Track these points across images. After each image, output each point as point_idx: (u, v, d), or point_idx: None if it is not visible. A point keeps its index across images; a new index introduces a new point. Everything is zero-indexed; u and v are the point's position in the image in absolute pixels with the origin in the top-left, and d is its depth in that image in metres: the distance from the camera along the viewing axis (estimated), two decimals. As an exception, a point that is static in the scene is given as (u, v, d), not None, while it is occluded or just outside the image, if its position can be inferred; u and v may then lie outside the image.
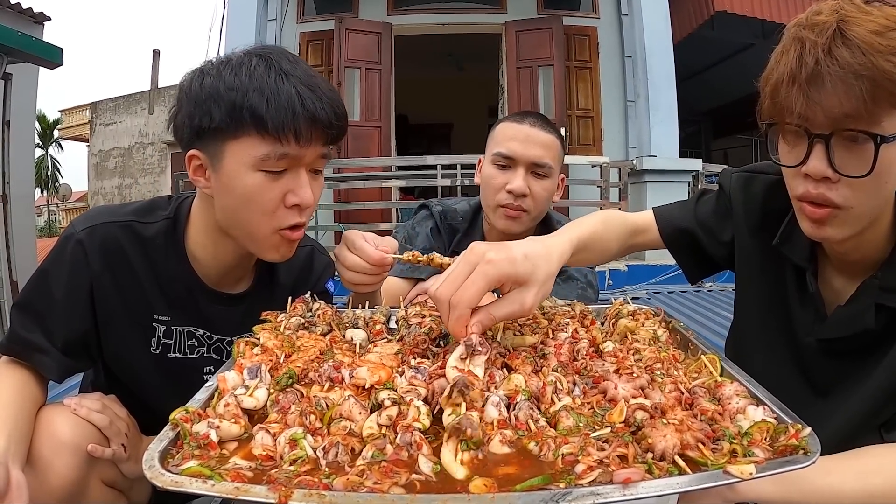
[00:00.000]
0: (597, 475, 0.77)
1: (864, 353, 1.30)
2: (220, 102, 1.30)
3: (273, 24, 9.49)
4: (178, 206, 1.55)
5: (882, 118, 1.03)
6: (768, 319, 1.48)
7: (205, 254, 1.53)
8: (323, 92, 1.35)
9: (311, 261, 1.77)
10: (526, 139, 2.09)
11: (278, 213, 1.38)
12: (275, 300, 1.52)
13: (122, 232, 1.47)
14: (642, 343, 1.25)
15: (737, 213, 1.52)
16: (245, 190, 1.35)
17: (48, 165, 34.28)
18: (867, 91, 1.01)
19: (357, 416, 0.94)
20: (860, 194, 1.11)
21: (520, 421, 0.93)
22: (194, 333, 1.57)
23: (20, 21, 8.76)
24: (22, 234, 8.77)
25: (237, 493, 0.75)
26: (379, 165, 8.83)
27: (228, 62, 1.35)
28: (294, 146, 1.32)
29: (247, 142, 1.32)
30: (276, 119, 1.29)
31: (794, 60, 1.08)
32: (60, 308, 1.42)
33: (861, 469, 1.08)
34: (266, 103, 1.29)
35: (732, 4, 9.85)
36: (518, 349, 1.19)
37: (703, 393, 1.02)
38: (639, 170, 8.49)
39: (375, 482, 0.77)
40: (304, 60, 1.44)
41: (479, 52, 10.83)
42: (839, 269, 1.35)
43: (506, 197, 2.09)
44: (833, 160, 1.08)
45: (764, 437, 0.89)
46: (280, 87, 1.30)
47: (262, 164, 1.32)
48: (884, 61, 1.00)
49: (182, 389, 1.43)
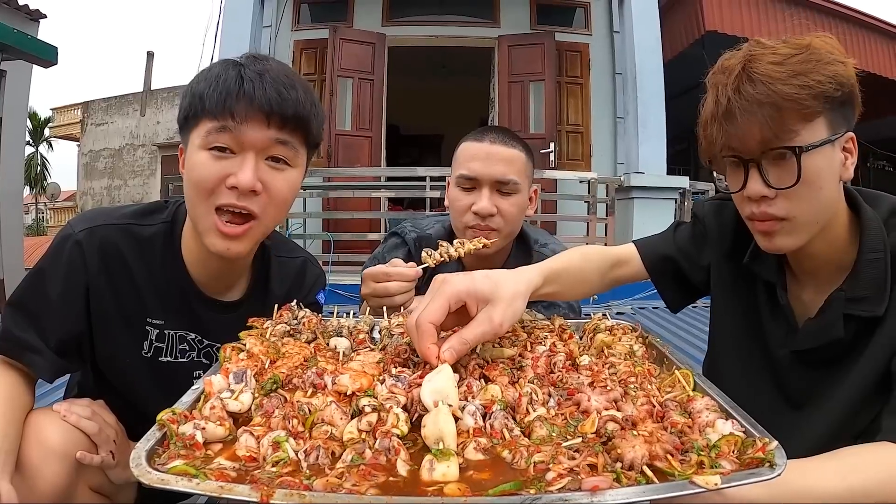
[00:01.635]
0: (566, 482, 0.80)
1: (835, 362, 1.36)
2: (185, 99, 1.41)
3: (268, 31, 9.49)
4: (176, 211, 1.57)
5: (798, 132, 1.19)
6: (742, 336, 1.53)
7: (193, 257, 1.54)
8: (271, 77, 1.38)
9: (303, 272, 1.78)
10: (487, 157, 2.02)
11: (217, 193, 1.38)
12: (267, 309, 1.53)
13: (121, 234, 1.49)
14: (618, 357, 1.29)
15: (711, 238, 1.61)
16: (192, 169, 1.39)
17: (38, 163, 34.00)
18: (773, 115, 1.17)
19: (338, 422, 0.97)
20: (798, 203, 1.24)
21: (495, 429, 0.97)
22: (186, 337, 1.58)
23: (15, 18, 8.73)
24: (10, 232, 8.74)
25: (221, 491, 0.78)
26: (369, 175, 8.83)
27: (210, 69, 1.43)
28: (230, 120, 1.35)
29: (199, 126, 1.38)
30: (212, 98, 1.35)
31: (712, 103, 1.26)
32: (55, 308, 1.42)
33: (841, 469, 1.12)
34: (210, 88, 1.36)
35: (723, 24, 9.98)
36: (496, 361, 1.22)
37: (674, 406, 1.06)
38: (626, 186, 8.53)
39: (354, 484, 0.80)
40: (281, 63, 1.49)
41: (472, 65, 10.87)
42: (807, 282, 1.42)
43: (473, 218, 2.03)
44: (767, 179, 1.23)
45: (732, 449, 0.92)
46: (228, 74, 1.37)
47: (205, 142, 1.37)
48: (783, 86, 1.16)
49: (171, 392, 1.45)
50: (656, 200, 8.54)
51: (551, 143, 9.02)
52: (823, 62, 1.19)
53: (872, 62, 11.31)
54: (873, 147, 15.06)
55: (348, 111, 9.23)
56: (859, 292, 1.30)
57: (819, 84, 1.17)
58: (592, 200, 8.07)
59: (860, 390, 1.32)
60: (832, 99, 1.20)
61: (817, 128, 1.21)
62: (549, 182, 8.48)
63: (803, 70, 1.18)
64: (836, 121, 1.23)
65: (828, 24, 10.82)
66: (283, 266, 1.71)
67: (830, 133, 1.22)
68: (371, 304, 1.74)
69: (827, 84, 1.18)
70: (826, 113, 1.21)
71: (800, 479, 1.08)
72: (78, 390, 1.66)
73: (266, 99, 1.36)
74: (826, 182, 1.24)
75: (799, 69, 1.18)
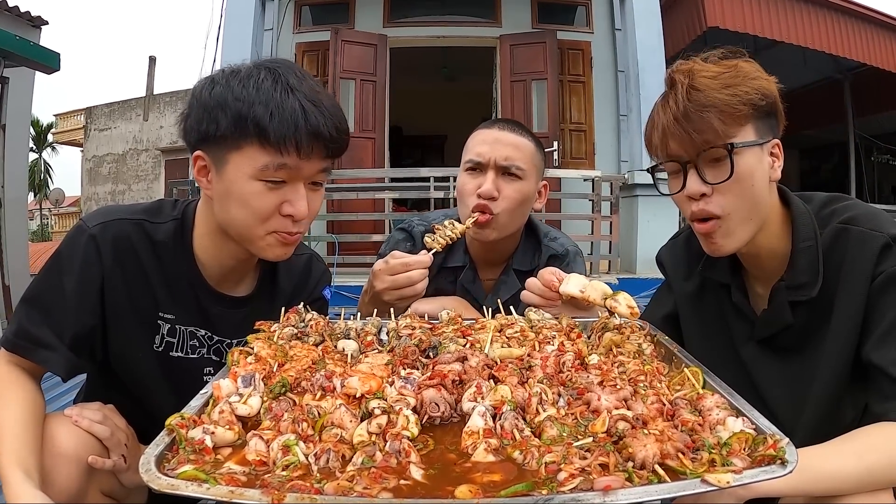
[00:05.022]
0: (578, 482, 0.80)
1: (800, 348, 1.49)
2: (226, 111, 1.35)
3: (270, 34, 9.48)
4: (185, 209, 1.59)
5: (733, 135, 1.37)
6: (710, 344, 1.61)
7: (207, 256, 1.56)
8: (326, 108, 1.39)
9: (309, 268, 1.81)
10: (494, 141, 2.02)
11: (272, 219, 1.42)
12: (275, 305, 1.55)
13: (134, 229, 1.51)
14: (627, 356, 1.29)
15: (671, 273, 1.80)
16: (243, 195, 1.39)
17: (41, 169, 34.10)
18: (716, 117, 1.35)
19: (348, 424, 0.97)
20: (732, 200, 1.40)
21: (505, 430, 0.97)
22: (196, 334, 1.60)
23: (17, 24, 8.75)
24: (14, 238, 8.76)
25: (232, 496, 0.78)
26: (372, 177, 8.82)
27: (238, 73, 1.40)
28: (294, 158, 1.36)
29: (249, 151, 1.36)
30: (278, 131, 1.33)
31: (672, 105, 1.40)
32: (71, 302, 1.43)
33: (857, 449, 1.20)
34: (270, 115, 1.33)
35: (725, 20, 9.93)
36: (505, 361, 1.22)
37: (684, 404, 1.06)
38: (630, 184, 8.49)
39: (365, 487, 0.80)
40: (311, 76, 1.47)
41: (474, 65, 10.85)
42: (758, 278, 1.57)
43: (475, 200, 1.99)
44: (704, 177, 1.40)
45: (743, 447, 0.92)
46: (285, 100, 1.34)
47: (261, 174, 1.37)
48: (718, 94, 1.36)
49: (181, 389, 1.44)
50: (661, 198, 8.39)
51: (554, 141, 8.98)
52: (749, 77, 1.39)
53: (874, 55, 11.24)
54: (876, 141, 15.02)
55: (351, 113, 9.21)
56: (798, 279, 1.44)
57: (746, 94, 1.37)
58: (596, 199, 8.04)
59: (835, 376, 1.41)
60: (758, 107, 1.39)
61: (747, 132, 1.39)
62: (553, 181, 8.44)
63: (732, 83, 1.37)
64: (762, 128, 1.41)
65: (829, 17, 10.77)
66: (289, 263, 1.70)
67: (758, 138, 1.40)
68: (388, 297, 1.74)
69: (753, 94, 1.37)
70: (753, 121, 1.39)
71: (820, 464, 1.15)
72: (86, 398, 1.65)
73: (329, 136, 1.38)
74: (757, 180, 1.40)
75: (728, 82, 1.37)
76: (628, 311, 1.52)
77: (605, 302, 1.56)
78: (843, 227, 1.42)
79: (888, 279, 1.34)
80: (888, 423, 1.26)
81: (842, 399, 1.42)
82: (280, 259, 1.51)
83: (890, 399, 1.29)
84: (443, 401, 1.05)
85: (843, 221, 1.43)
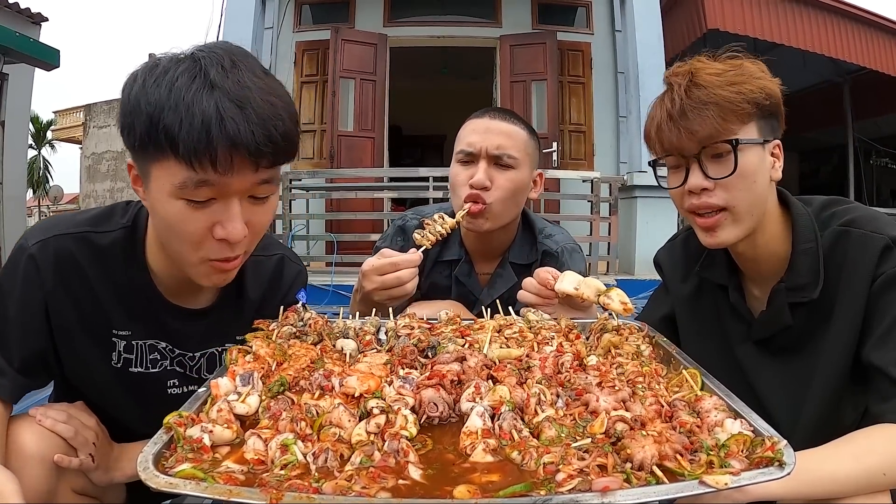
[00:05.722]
0: (577, 483, 0.80)
1: (798, 349, 1.50)
2: (140, 118, 1.14)
3: (270, 32, 9.48)
4: (137, 214, 1.44)
5: (735, 132, 1.38)
6: (706, 344, 1.62)
7: (160, 265, 1.43)
8: (255, 108, 1.13)
9: (280, 271, 1.64)
10: (486, 130, 1.98)
11: (205, 244, 1.23)
12: (243, 315, 1.49)
13: (77, 244, 1.38)
14: (625, 357, 1.29)
15: (668, 274, 1.80)
16: (167, 216, 1.21)
17: (40, 166, 34.05)
18: (716, 114, 1.37)
19: (346, 424, 0.97)
20: (735, 193, 1.41)
21: (503, 431, 0.97)
22: (156, 346, 1.49)
23: (17, 21, 8.76)
24: (13, 235, 8.76)
25: (230, 494, 0.78)
26: (371, 176, 8.83)
27: (155, 68, 1.16)
28: (212, 174, 1.13)
29: (166, 165, 1.14)
30: (188, 143, 1.09)
31: (668, 103, 1.42)
32: (15, 327, 1.35)
33: (855, 452, 1.20)
34: (179, 124, 1.09)
35: (725, 22, 9.94)
36: (503, 361, 1.22)
37: (682, 406, 1.06)
38: (629, 185, 8.50)
39: (363, 487, 0.80)
40: (250, 64, 1.20)
41: (474, 65, 10.86)
42: (756, 280, 1.57)
43: (468, 190, 1.96)
44: (707, 172, 1.41)
45: (741, 449, 0.92)
46: (198, 102, 1.10)
47: (180, 193, 1.16)
48: (722, 91, 1.37)
49: (146, 403, 1.41)
50: (659, 199, 8.49)
51: (554, 142, 9.00)
52: (753, 77, 1.41)
53: (873, 59, 11.25)
54: (875, 144, 15.03)
55: (350, 112, 9.23)
56: (798, 281, 1.45)
57: (750, 92, 1.38)
58: (595, 200, 8.05)
59: (835, 377, 1.42)
60: (762, 106, 1.40)
61: (750, 130, 1.41)
62: (552, 182, 8.45)
63: (737, 81, 1.39)
64: (764, 128, 1.43)
65: (828, 20, 10.78)
66: (257, 266, 1.57)
67: (760, 137, 1.42)
68: (378, 297, 1.72)
69: (757, 92, 1.39)
70: (756, 120, 1.41)
71: (818, 467, 1.15)
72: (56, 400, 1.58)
73: (255, 143, 1.13)
74: (759, 177, 1.42)
75: (733, 80, 1.39)
76: (621, 307, 1.53)
77: (599, 298, 1.57)
78: (844, 230, 1.43)
79: (888, 280, 1.35)
80: (886, 424, 1.27)
81: (842, 400, 1.43)
82: (219, 286, 1.35)
83: (888, 400, 1.30)
84: (441, 401, 1.06)
85: (844, 224, 1.44)
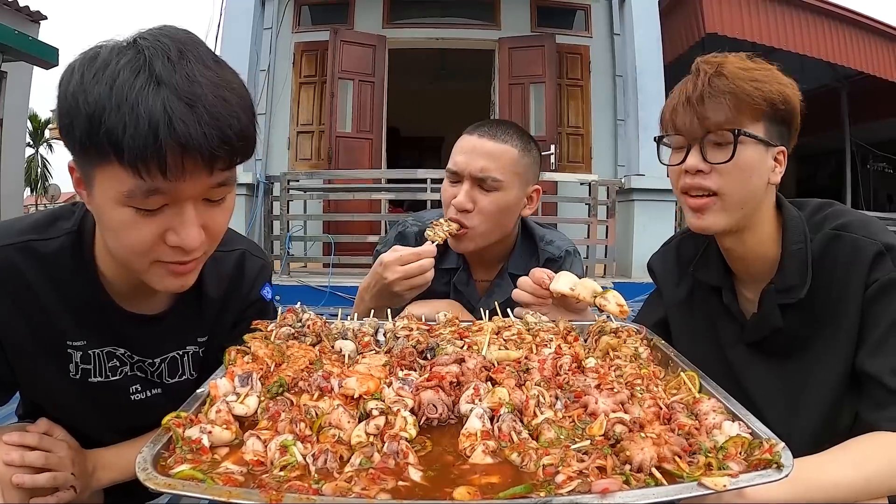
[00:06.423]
0: (576, 485, 0.80)
1: (790, 352, 1.51)
2: (79, 119, 1.02)
3: (268, 33, 9.48)
4: (83, 217, 1.34)
5: (743, 124, 1.40)
6: (698, 345, 1.61)
7: (110, 271, 1.33)
8: (206, 105, 1.02)
9: (241, 267, 1.55)
10: (471, 151, 1.94)
11: (156, 250, 1.13)
12: (203, 316, 1.45)
13: (19, 255, 1.28)
14: (624, 360, 1.29)
15: (661, 279, 1.82)
16: (112, 225, 1.11)
17: (38, 165, 33.99)
18: (730, 103, 1.39)
19: (346, 425, 0.97)
20: (728, 181, 1.42)
21: (503, 433, 0.97)
22: (115, 353, 1.41)
23: (16, 19, 8.75)
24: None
25: (229, 496, 0.78)
26: (369, 177, 8.83)
27: (94, 60, 1.04)
28: (162, 181, 1.02)
29: (111, 171, 1.03)
30: (133, 148, 0.98)
31: (690, 87, 1.45)
32: None
33: (855, 459, 1.21)
34: (123, 127, 0.98)
35: (723, 27, 9.95)
36: (502, 363, 1.22)
37: (681, 408, 1.06)
38: (627, 188, 8.52)
39: (363, 488, 0.80)
40: (203, 50, 1.10)
41: (472, 68, 10.87)
42: (748, 282, 1.58)
43: (452, 211, 1.95)
44: (705, 155, 1.43)
45: (739, 451, 0.92)
46: (143, 101, 0.99)
47: (128, 201, 1.06)
48: (743, 83, 1.39)
49: (110, 412, 1.39)
50: (657, 202, 8.52)
51: (552, 145, 9.01)
52: (777, 81, 1.43)
53: (871, 64, 11.29)
54: (873, 149, 15.06)
55: (349, 113, 9.24)
56: (787, 282, 1.46)
57: (770, 92, 1.40)
58: (593, 203, 8.06)
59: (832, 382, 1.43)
60: (776, 108, 1.42)
61: (757, 128, 1.42)
62: (550, 184, 8.48)
63: (760, 78, 1.41)
64: (773, 131, 1.44)
65: (827, 25, 10.81)
66: (217, 263, 1.45)
67: (767, 138, 1.43)
68: (399, 287, 1.74)
69: (776, 94, 1.41)
70: (767, 120, 1.42)
71: (817, 474, 1.15)
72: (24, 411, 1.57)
73: (208, 146, 1.02)
74: (756, 173, 1.43)
75: (758, 77, 1.41)
76: (617, 308, 1.53)
77: (595, 300, 1.57)
78: (836, 234, 1.44)
79: (881, 288, 1.36)
80: (883, 433, 1.27)
81: (840, 405, 1.43)
82: (179, 290, 1.24)
83: (884, 408, 1.30)
84: (440, 402, 1.06)
85: (837, 227, 1.45)
